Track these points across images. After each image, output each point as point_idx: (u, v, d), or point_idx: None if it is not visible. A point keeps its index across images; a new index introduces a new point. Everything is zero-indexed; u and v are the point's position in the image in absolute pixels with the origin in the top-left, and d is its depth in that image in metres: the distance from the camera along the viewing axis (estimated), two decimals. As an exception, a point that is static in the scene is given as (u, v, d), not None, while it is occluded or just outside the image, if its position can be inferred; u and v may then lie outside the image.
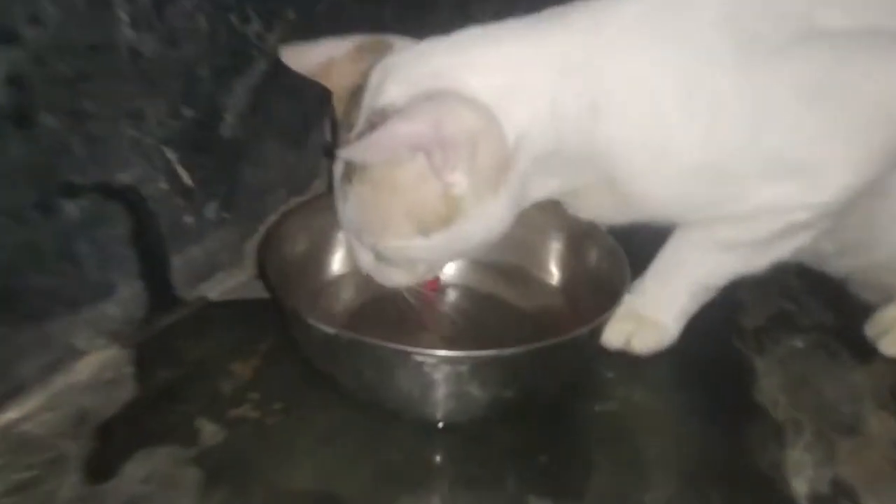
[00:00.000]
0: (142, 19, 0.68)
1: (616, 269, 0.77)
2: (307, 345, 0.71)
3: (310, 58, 0.74)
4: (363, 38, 0.75)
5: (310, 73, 0.74)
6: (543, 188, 0.74)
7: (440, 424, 0.70)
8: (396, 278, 0.74)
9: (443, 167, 0.64)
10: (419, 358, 0.61)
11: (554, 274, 0.87)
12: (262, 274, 0.78)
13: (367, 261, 0.74)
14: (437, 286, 0.85)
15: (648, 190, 0.73)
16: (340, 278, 0.85)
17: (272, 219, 0.90)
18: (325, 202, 0.79)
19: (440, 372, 0.62)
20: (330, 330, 0.63)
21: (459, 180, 0.65)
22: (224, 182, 0.84)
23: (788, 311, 0.93)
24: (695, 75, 0.68)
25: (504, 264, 0.86)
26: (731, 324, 0.89)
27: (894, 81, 0.68)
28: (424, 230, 0.67)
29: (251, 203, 0.89)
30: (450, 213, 0.67)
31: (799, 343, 0.87)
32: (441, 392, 0.64)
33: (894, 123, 0.69)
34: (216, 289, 0.87)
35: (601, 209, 0.80)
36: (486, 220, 0.69)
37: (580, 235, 0.84)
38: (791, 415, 0.76)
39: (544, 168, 0.71)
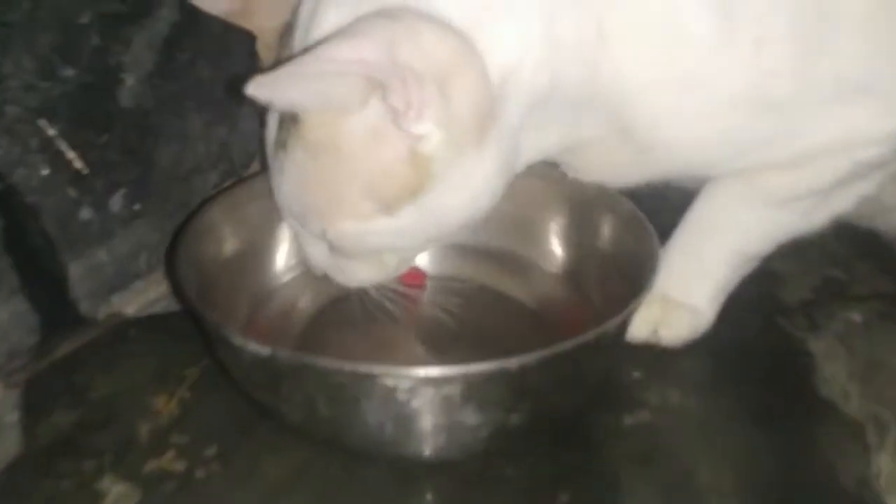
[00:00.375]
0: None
1: (639, 243, 0.60)
2: (240, 372, 0.53)
3: None
4: None
5: (224, 12, 0.58)
6: (539, 145, 0.57)
7: (426, 464, 0.53)
8: (361, 275, 0.59)
9: (405, 111, 0.47)
10: (390, 381, 0.44)
11: (558, 257, 0.69)
12: (174, 282, 0.60)
13: (319, 256, 0.58)
14: (422, 281, 0.68)
15: (675, 135, 0.56)
16: (288, 281, 0.67)
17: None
18: (260, 184, 0.62)
19: (420, 398, 0.45)
20: (264, 350, 0.45)
21: (429, 131, 0.48)
22: (132, 164, 0.66)
23: (836, 279, 0.77)
24: None
25: (494, 249, 0.69)
26: (771, 300, 0.73)
27: None
28: (388, 205, 0.51)
29: (171, 190, 0.71)
30: (419, 178, 0.50)
31: (857, 316, 0.71)
32: (423, 424, 0.47)
33: None
34: (133, 302, 0.69)
35: (612, 168, 0.63)
36: (468, 186, 0.52)
37: (587, 205, 0.67)
38: (869, 409, 0.60)
39: (539, 117, 0.54)
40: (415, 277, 0.67)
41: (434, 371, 0.44)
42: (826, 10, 0.52)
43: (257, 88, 0.44)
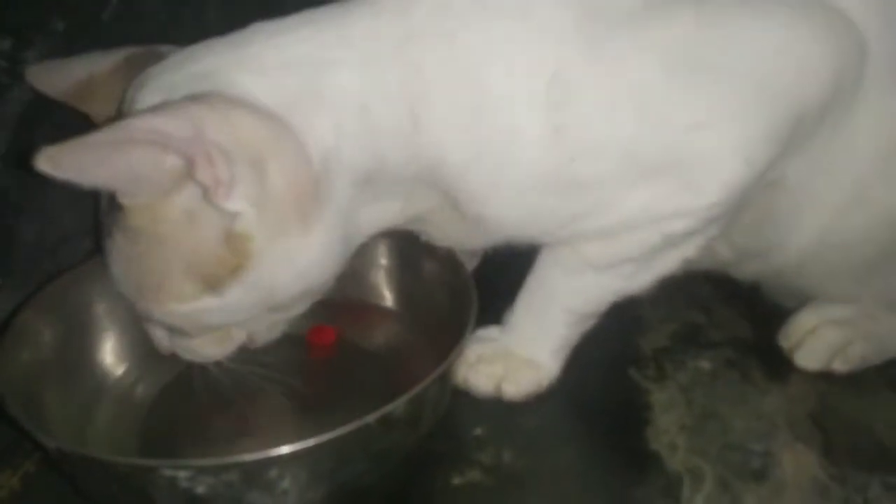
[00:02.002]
0: None
1: (461, 291, 0.63)
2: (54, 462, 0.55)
3: (63, 77, 0.59)
4: (134, 49, 0.60)
5: (64, 96, 0.60)
6: (379, 217, 0.60)
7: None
8: (205, 351, 0.59)
9: (214, 187, 0.48)
10: (167, 472, 0.46)
11: (394, 300, 0.72)
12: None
13: (160, 337, 0.59)
14: (330, 339, 0.71)
15: (494, 210, 0.59)
16: (121, 374, 0.68)
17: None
18: (74, 276, 0.64)
19: (202, 485, 0.47)
20: (50, 442, 0.48)
21: (242, 209, 0.50)
22: (-9, 244, 0.68)
23: (697, 324, 0.80)
24: (532, 62, 0.55)
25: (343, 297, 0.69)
26: (629, 348, 0.76)
27: (776, 42, 0.55)
28: (212, 285, 0.52)
29: (37, 263, 0.73)
30: (237, 257, 0.51)
31: (706, 364, 0.74)
32: (216, 506, 0.49)
33: (782, 97, 0.56)
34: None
35: (453, 235, 0.66)
36: (295, 263, 0.54)
37: (410, 247, 0.70)
38: (690, 462, 0.63)
39: (372, 192, 0.57)
40: (323, 334, 0.69)
41: (207, 461, 0.47)
42: (618, 96, 0.55)
43: (48, 161, 0.43)
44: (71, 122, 0.71)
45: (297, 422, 0.63)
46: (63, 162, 0.43)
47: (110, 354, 0.67)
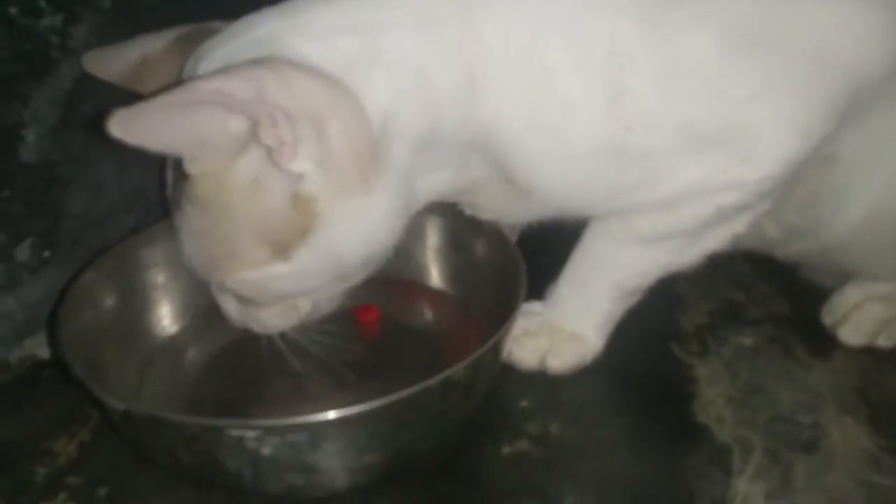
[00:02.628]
0: None
1: (510, 270, 0.63)
2: (114, 424, 0.56)
3: (117, 61, 0.60)
4: (184, 28, 0.60)
5: (120, 79, 0.60)
6: (433, 186, 0.60)
7: (302, 500, 0.55)
8: (274, 322, 0.59)
9: (279, 148, 0.48)
10: (235, 432, 0.47)
11: (438, 278, 0.73)
12: (53, 348, 0.61)
13: (231, 308, 0.59)
14: (375, 316, 0.71)
15: (546, 180, 0.59)
16: (179, 333, 0.69)
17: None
18: (135, 242, 0.65)
19: (269, 445, 0.47)
20: (119, 406, 0.48)
21: (307, 170, 0.50)
22: (38, 215, 0.69)
23: (736, 301, 0.80)
24: (590, 32, 0.55)
25: (392, 276, 0.70)
26: (669, 325, 0.76)
27: (834, 16, 0.55)
28: (282, 250, 0.52)
29: (84, 236, 0.73)
30: (305, 220, 0.51)
31: (748, 340, 0.74)
32: (278, 469, 0.50)
33: (840, 71, 0.56)
34: (47, 346, 0.72)
35: (502, 207, 0.66)
36: (360, 227, 0.54)
37: (461, 228, 0.70)
38: (739, 433, 0.63)
39: (427, 158, 0.57)
40: (368, 312, 0.69)
41: (275, 422, 0.47)
42: (677, 67, 0.55)
43: (118, 124, 0.44)
44: (118, 96, 0.72)
45: (348, 392, 0.63)
46: (132, 125, 0.44)
47: (166, 318, 0.68)
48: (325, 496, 0.55)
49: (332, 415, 0.47)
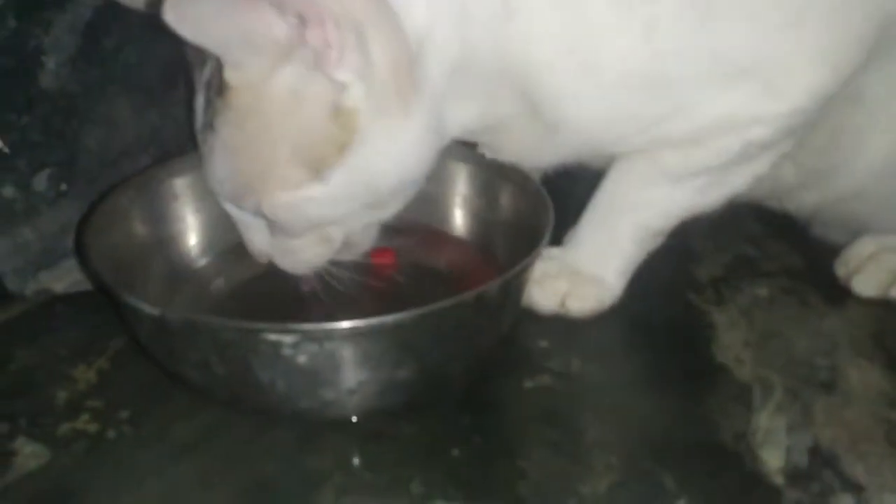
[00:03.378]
0: None
1: (536, 211, 0.63)
2: (142, 339, 0.55)
3: None
4: None
5: (147, 3, 0.59)
6: (462, 118, 0.59)
7: (328, 424, 0.55)
8: (306, 255, 0.58)
9: (325, 51, 0.48)
10: (272, 336, 0.46)
11: (467, 227, 0.72)
12: (81, 260, 0.61)
13: (261, 240, 0.58)
14: (392, 259, 0.70)
15: (577, 112, 0.59)
16: (205, 265, 0.68)
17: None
18: (167, 169, 0.64)
19: (305, 353, 0.47)
20: (154, 311, 0.48)
21: (350, 81, 0.50)
22: (57, 146, 0.68)
23: (749, 256, 0.80)
24: None
25: (408, 222, 0.69)
26: (684, 275, 0.77)
27: None
28: (317, 169, 0.52)
29: (100, 173, 0.73)
30: (344, 133, 0.51)
31: (763, 291, 0.75)
32: (312, 380, 0.49)
33: (870, 1, 0.56)
34: (63, 279, 0.71)
35: (526, 147, 0.65)
36: (396, 149, 0.54)
37: (492, 177, 0.70)
38: (758, 373, 0.64)
39: (458, 87, 0.56)
40: (384, 255, 0.69)
41: (314, 326, 0.47)
42: None
43: (173, 11, 0.44)
44: (136, 28, 0.72)
45: None
46: (187, 13, 0.44)
47: (194, 247, 0.68)
48: (352, 416, 0.55)
49: (371, 321, 0.46)
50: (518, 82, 0.58)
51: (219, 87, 0.51)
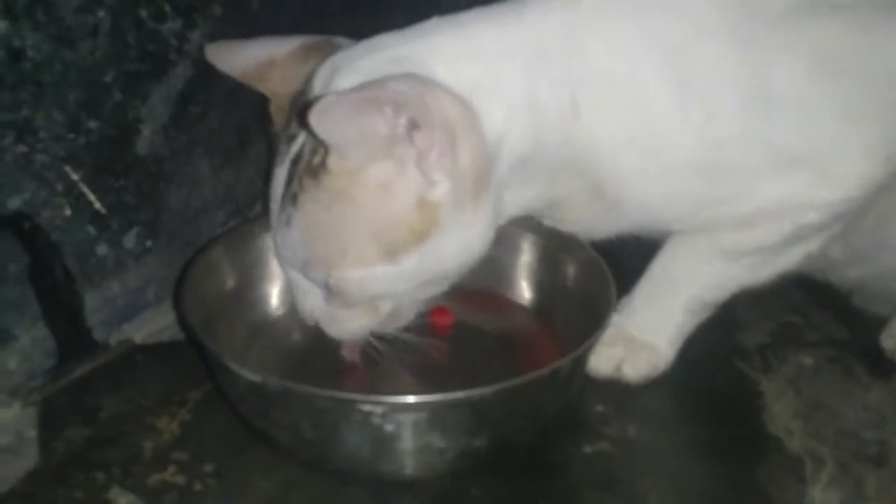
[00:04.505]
0: (21, 11, 0.57)
1: (598, 285, 0.66)
2: (235, 397, 0.59)
3: (244, 57, 0.63)
4: (308, 38, 0.65)
5: (243, 75, 0.64)
6: (521, 200, 0.63)
7: (401, 484, 0.58)
8: (352, 325, 0.61)
9: (427, 152, 0.52)
10: (366, 407, 0.50)
11: (526, 293, 0.76)
12: (179, 313, 0.66)
13: (314, 306, 0.61)
14: (449, 320, 0.73)
15: (639, 194, 0.63)
16: (283, 316, 0.72)
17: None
18: (258, 226, 0.68)
19: (392, 423, 0.51)
20: (255, 377, 0.52)
21: (440, 180, 0.54)
22: (145, 206, 0.73)
23: (793, 324, 0.83)
24: (687, 55, 0.59)
25: (468, 286, 0.72)
26: (731, 343, 0.79)
27: None
28: (392, 252, 0.56)
29: (181, 229, 0.77)
30: (424, 226, 0.55)
31: (808, 360, 0.77)
32: (396, 446, 0.53)
33: None
34: (142, 329, 0.75)
35: (585, 220, 0.69)
36: (466, 238, 0.58)
37: (554, 247, 0.73)
38: (809, 445, 0.66)
39: (521, 177, 0.61)
40: (442, 315, 0.72)
41: (405, 399, 0.50)
42: (769, 90, 0.58)
43: (318, 115, 0.48)
44: (219, 98, 0.77)
45: (430, 389, 0.65)
46: (327, 117, 0.49)
47: (275, 300, 0.72)
48: (425, 480, 0.58)
49: (455, 395, 0.50)
50: (582, 167, 0.62)
51: (314, 169, 0.55)
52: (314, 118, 0.48)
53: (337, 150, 0.53)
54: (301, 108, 0.54)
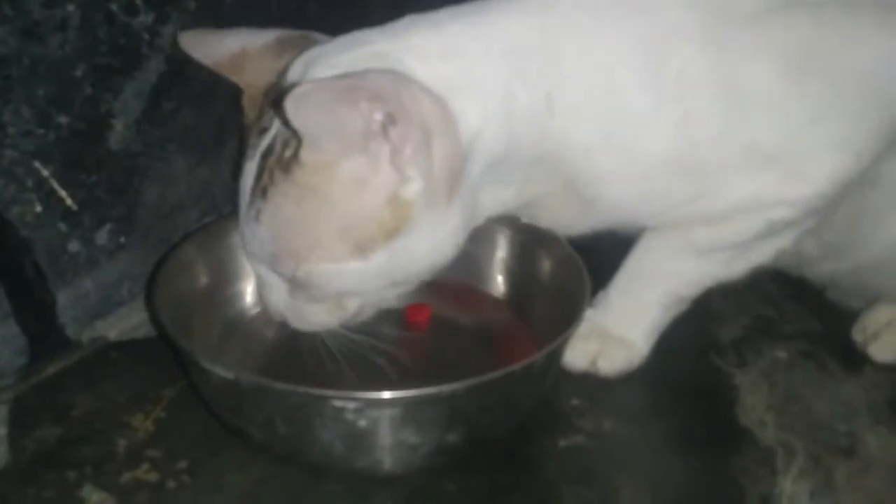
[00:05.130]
0: (-12, 8, 0.56)
1: (574, 280, 0.66)
2: (208, 394, 0.59)
3: (218, 46, 0.63)
4: (284, 32, 0.64)
5: (217, 64, 0.63)
6: (496, 200, 0.64)
7: (376, 478, 0.58)
8: (317, 318, 0.62)
9: (401, 147, 0.52)
10: (338, 403, 0.50)
11: (502, 287, 0.76)
12: (151, 310, 0.65)
13: (279, 299, 0.61)
14: (426, 316, 0.73)
15: (614, 192, 0.63)
16: (258, 314, 0.72)
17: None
18: (231, 223, 0.68)
19: (365, 418, 0.51)
20: (228, 374, 0.51)
21: (413, 176, 0.54)
22: (118, 202, 0.72)
23: (768, 318, 0.84)
24: (660, 56, 0.59)
25: (444, 280, 0.72)
26: (707, 336, 0.80)
27: (887, 49, 0.59)
28: (362, 248, 0.55)
29: (155, 225, 0.77)
30: (395, 222, 0.55)
31: (783, 354, 0.78)
32: (370, 442, 0.53)
33: (890, 97, 0.60)
34: (116, 326, 0.75)
35: (562, 218, 0.70)
36: (436, 236, 0.58)
37: (530, 242, 0.73)
38: (781, 437, 0.67)
39: (496, 175, 0.61)
40: (420, 310, 0.72)
41: (378, 395, 0.50)
42: (741, 90, 0.59)
43: (294, 102, 0.48)
44: (194, 91, 0.76)
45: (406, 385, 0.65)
46: (306, 104, 0.48)
47: (249, 297, 0.71)
48: (401, 475, 0.58)
49: (429, 391, 0.50)
50: (556, 166, 0.62)
51: (286, 162, 0.55)
52: (290, 104, 0.48)
53: (311, 142, 0.53)
54: (276, 95, 0.54)
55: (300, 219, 0.56)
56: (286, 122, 0.50)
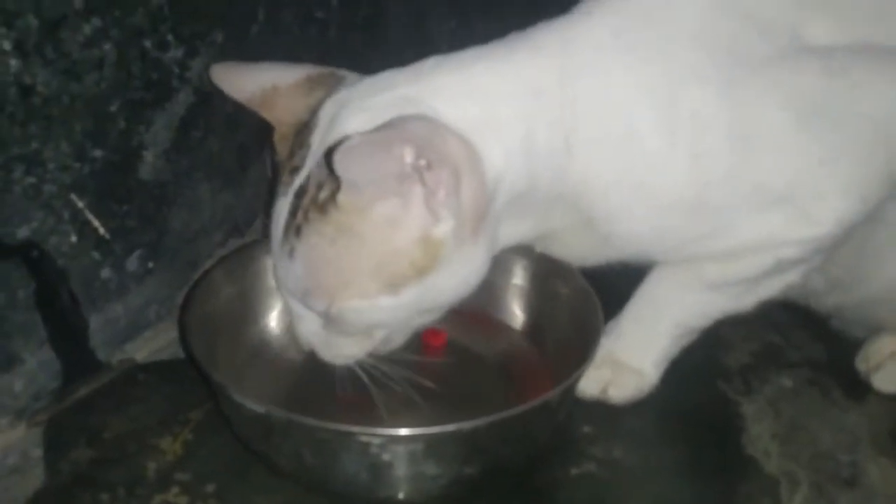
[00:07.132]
0: (31, 47, 0.58)
1: (587, 312, 0.69)
2: (238, 424, 0.62)
3: (249, 82, 0.65)
4: (313, 68, 0.66)
5: (248, 100, 0.65)
6: (514, 233, 0.66)
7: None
8: (347, 351, 0.64)
9: (435, 191, 0.55)
10: (364, 438, 0.52)
11: (518, 317, 0.78)
12: (184, 339, 0.68)
13: (311, 332, 0.63)
14: (443, 340, 0.75)
15: (629, 228, 0.66)
16: (282, 337, 0.74)
17: (209, 264, 0.81)
18: (257, 248, 0.70)
19: (389, 452, 0.53)
20: (259, 408, 0.54)
21: (446, 216, 0.56)
22: (148, 229, 0.75)
23: (775, 345, 0.86)
24: (675, 98, 0.61)
25: (459, 306, 0.73)
26: (715, 363, 0.82)
27: (894, 98, 0.61)
28: (394, 285, 0.58)
29: (182, 250, 0.79)
30: (427, 261, 0.57)
31: (788, 382, 0.80)
32: (392, 473, 0.56)
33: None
34: (143, 349, 0.77)
35: (576, 250, 0.72)
36: (464, 271, 0.60)
37: (546, 274, 0.76)
38: (785, 467, 0.69)
39: (515, 211, 0.63)
40: (436, 336, 0.74)
41: (402, 431, 0.53)
42: (752, 133, 0.61)
43: (344, 155, 0.50)
44: (219, 123, 0.79)
45: (419, 414, 0.66)
46: (352, 155, 0.51)
47: (274, 319, 0.74)
48: (418, 503, 0.61)
49: (450, 427, 0.52)
50: (574, 204, 0.64)
51: (322, 203, 0.57)
52: (339, 158, 0.50)
53: (352, 187, 0.55)
54: (327, 151, 0.56)
55: (335, 257, 0.58)
56: (332, 170, 0.53)
